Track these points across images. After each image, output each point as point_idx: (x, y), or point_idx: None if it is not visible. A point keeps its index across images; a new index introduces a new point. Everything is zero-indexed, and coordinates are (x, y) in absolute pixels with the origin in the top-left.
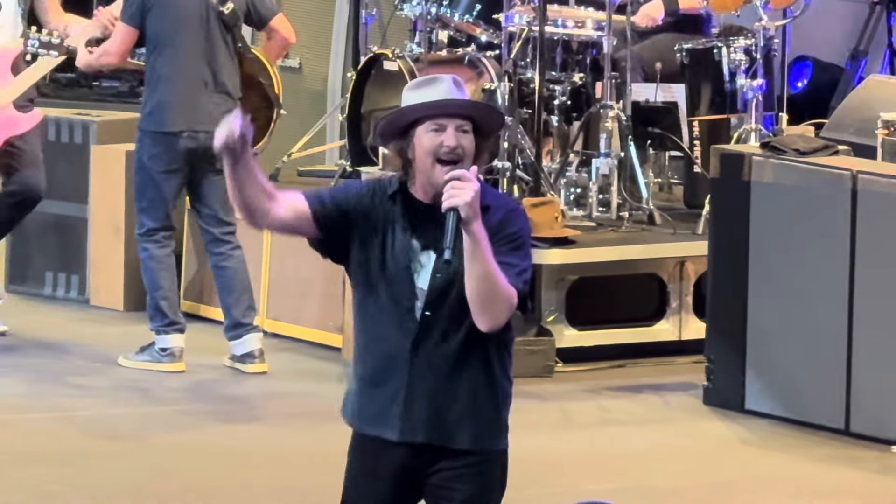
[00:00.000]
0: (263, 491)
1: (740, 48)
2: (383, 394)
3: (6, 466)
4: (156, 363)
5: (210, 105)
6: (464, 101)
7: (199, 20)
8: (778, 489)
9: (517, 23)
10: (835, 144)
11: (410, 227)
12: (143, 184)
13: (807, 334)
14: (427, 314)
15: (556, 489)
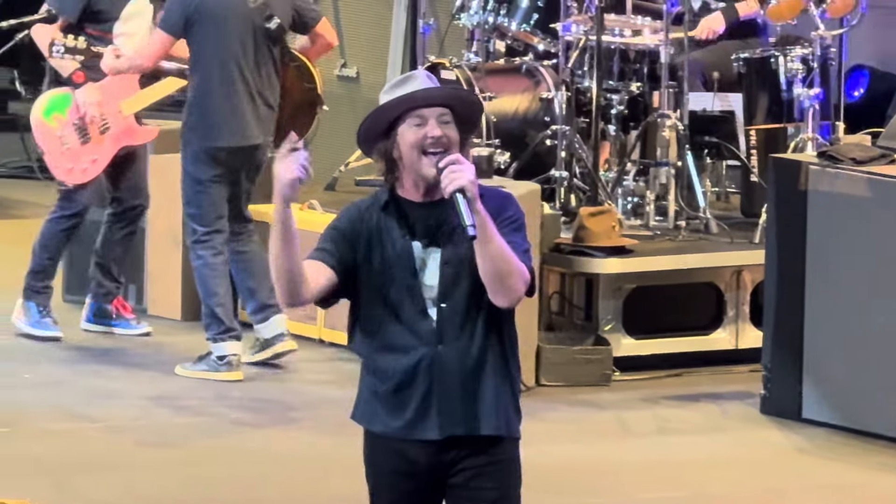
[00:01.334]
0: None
1: (797, 57)
2: (413, 396)
3: (63, 475)
4: (213, 372)
5: (254, 118)
6: (440, 89)
7: (246, 35)
8: (834, 499)
9: (574, 32)
10: (892, 153)
11: (408, 230)
12: (191, 191)
13: (865, 343)
14: (443, 306)
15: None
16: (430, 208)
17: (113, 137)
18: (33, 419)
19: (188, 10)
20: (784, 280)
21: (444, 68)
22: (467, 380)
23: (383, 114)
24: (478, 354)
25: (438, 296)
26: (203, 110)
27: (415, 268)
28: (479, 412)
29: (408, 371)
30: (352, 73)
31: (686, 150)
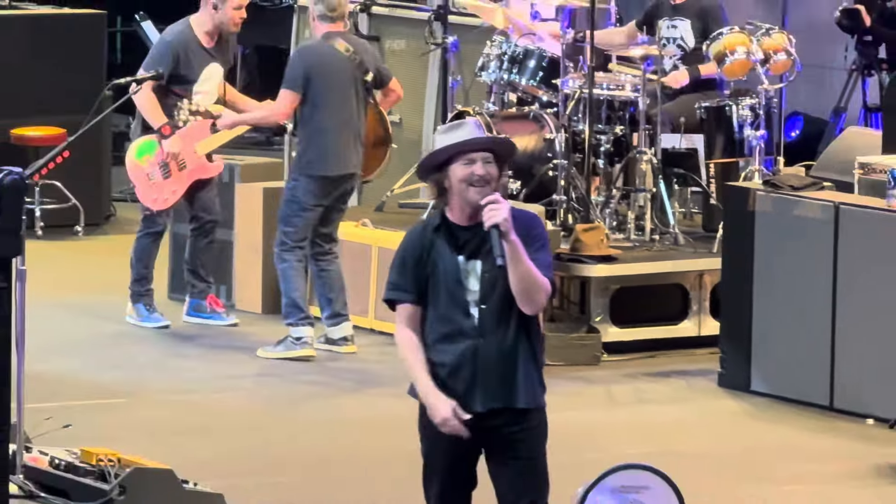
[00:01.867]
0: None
1: (747, 106)
2: (462, 378)
3: (167, 436)
4: (291, 351)
5: (355, 154)
6: (486, 139)
7: (350, 86)
8: (776, 454)
9: (571, 86)
10: (821, 181)
11: (455, 247)
12: (293, 214)
13: (799, 330)
14: (483, 307)
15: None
16: (473, 230)
17: (189, 173)
18: (146, 392)
19: (308, 69)
20: (736, 281)
21: (468, 115)
22: (503, 364)
23: (442, 153)
24: (511, 344)
25: (479, 299)
26: (319, 147)
27: (460, 277)
28: (513, 390)
29: (457, 359)
30: (396, 118)
31: (659, 179)
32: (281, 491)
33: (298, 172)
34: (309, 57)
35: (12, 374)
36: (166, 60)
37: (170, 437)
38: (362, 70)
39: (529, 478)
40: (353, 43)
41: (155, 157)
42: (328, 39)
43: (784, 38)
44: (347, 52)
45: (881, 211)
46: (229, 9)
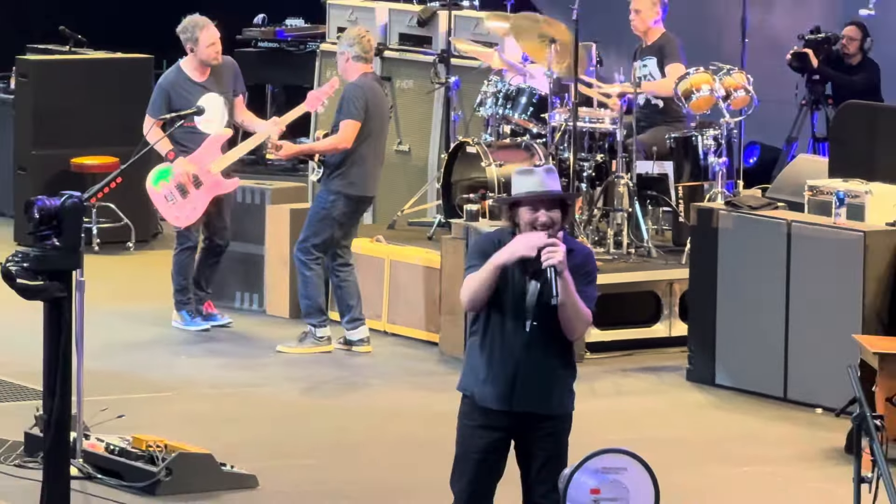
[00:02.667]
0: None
1: (711, 136)
2: (504, 380)
3: (207, 425)
4: (315, 347)
5: (379, 178)
6: (552, 194)
7: (386, 120)
8: (737, 439)
9: (558, 120)
10: (776, 202)
11: (524, 265)
12: (324, 228)
13: (757, 331)
14: (534, 324)
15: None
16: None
17: (206, 190)
18: (189, 386)
19: (367, 101)
20: (702, 288)
21: (468, 145)
22: (542, 375)
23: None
24: (551, 358)
25: (533, 316)
26: (362, 170)
27: (524, 291)
28: (548, 398)
29: (506, 363)
30: (405, 148)
31: (634, 200)
32: (307, 471)
33: (339, 191)
34: (367, 91)
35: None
36: (159, 101)
37: (209, 426)
38: (390, 108)
39: (554, 468)
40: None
41: (171, 180)
42: (369, 78)
43: (743, 76)
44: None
45: (827, 227)
46: (202, 48)
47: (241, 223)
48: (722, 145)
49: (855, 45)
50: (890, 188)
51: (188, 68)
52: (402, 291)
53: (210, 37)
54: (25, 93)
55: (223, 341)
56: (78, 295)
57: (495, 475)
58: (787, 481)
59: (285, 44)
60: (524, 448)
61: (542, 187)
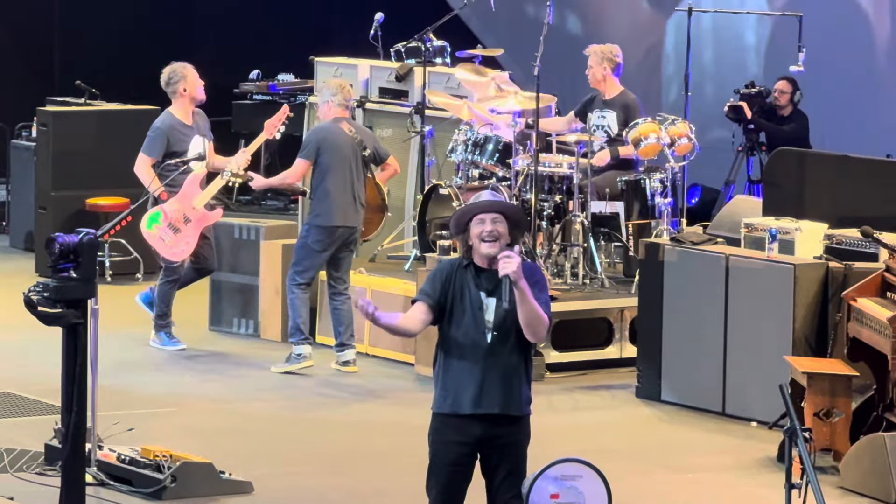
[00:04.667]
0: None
1: (657, 179)
2: (467, 388)
3: (208, 437)
4: (295, 364)
5: (353, 212)
6: (493, 202)
7: (353, 158)
8: (680, 449)
9: (521, 165)
10: (715, 238)
11: (477, 284)
12: (304, 257)
13: (698, 353)
14: (495, 334)
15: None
16: (489, 271)
17: (194, 225)
18: (191, 402)
19: (319, 143)
20: (649, 315)
21: (441, 187)
22: (505, 379)
23: (462, 216)
24: (513, 363)
25: (493, 327)
26: (326, 204)
27: (482, 307)
28: (510, 399)
29: (470, 369)
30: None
31: (589, 236)
32: (297, 478)
33: (310, 223)
34: (321, 133)
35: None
36: (159, 143)
37: (210, 438)
38: (361, 147)
39: (515, 477)
40: (355, 126)
41: (162, 222)
42: (337, 122)
43: (686, 126)
44: (350, 132)
45: (761, 260)
46: (197, 86)
47: (238, 257)
48: (667, 187)
49: (786, 97)
50: (817, 225)
51: (178, 113)
52: None
53: (197, 76)
54: (45, 140)
55: (222, 362)
56: (93, 321)
57: (465, 482)
58: (726, 486)
59: (277, 96)
60: (489, 460)
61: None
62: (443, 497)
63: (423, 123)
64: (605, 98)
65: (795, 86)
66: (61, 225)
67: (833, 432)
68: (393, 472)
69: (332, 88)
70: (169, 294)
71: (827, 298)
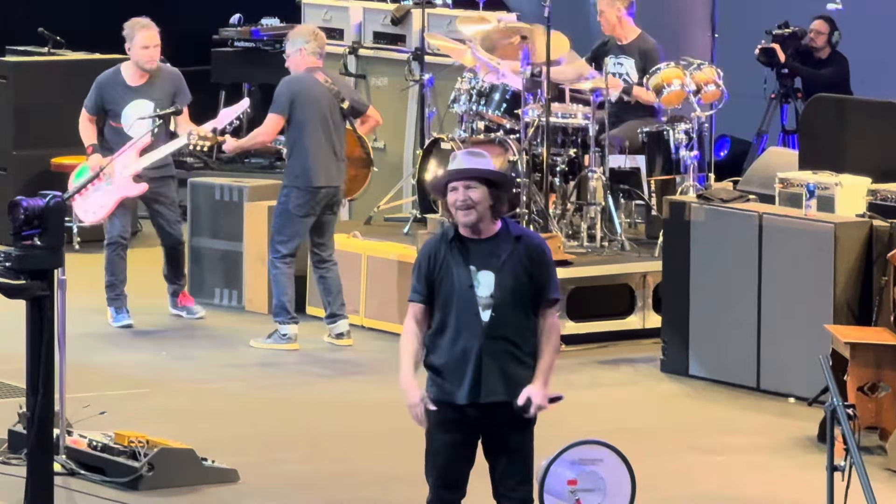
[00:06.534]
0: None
1: (682, 130)
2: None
3: (187, 420)
4: (279, 345)
5: (335, 168)
6: (462, 170)
7: (328, 109)
8: (710, 428)
9: (531, 116)
10: (747, 195)
11: (467, 258)
12: (285, 224)
13: (729, 322)
14: (493, 315)
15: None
16: (481, 242)
17: (114, 190)
18: (168, 382)
19: (293, 96)
20: (675, 280)
21: (442, 141)
22: (506, 361)
23: (438, 185)
24: (513, 344)
25: (490, 305)
26: (304, 162)
27: (471, 284)
28: (513, 386)
29: (465, 355)
30: (381, 145)
31: (607, 194)
32: (287, 465)
33: (289, 186)
34: (294, 85)
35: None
36: (93, 98)
37: (190, 421)
38: (339, 99)
39: (520, 461)
40: (331, 76)
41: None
42: (311, 73)
43: (713, 71)
44: (326, 83)
45: (798, 219)
46: (136, 48)
47: (220, 221)
48: (693, 139)
49: (823, 38)
50: (859, 180)
51: (125, 71)
52: (379, 286)
53: (145, 39)
54: (6, 94)
55: (202, 337)
56: (60, 293)
57: (465, 464)
58: (761, 469)
59: (261, 43)
60: (492, 443)
61: (459, 168)
62: (442, 481)
63: (423, 71)
64: (621, 43)
65: (833, 25)
66: (24, 187)
67: (879, 409)
68: (393, 457)
69: (304, 35)
70: (113, 262)
71: (871, 260)
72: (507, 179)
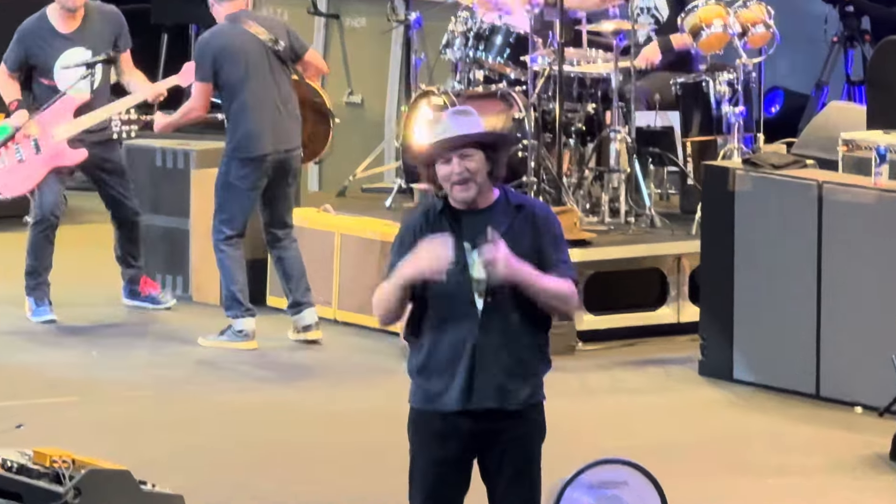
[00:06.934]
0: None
1: (724, 81)
2: (458, 374)
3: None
4: (233, 342)
5: (284, 127)
6: (455, 138)
7: (262, 60)
8: (759, 445)
9: (540, 63)
10: (803, 159)
11: (459, 233)
12: (227, 200)
13: (783, 315)
14: (489, 300)
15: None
16: (475, 214)
17: (44, 158)
18: (100, 389)
19: (215, 56)
20: (716, 265)
21: (433, 95)
22: (505, 361)
23: (424, 158)
24: (514, 339)
25: (486, 290)
26: (244, 127)
27: (465, 267)
28: (512, 389)
29: (455, 352)
30: (357, 99)
31: (634, 158)
32: (242, 488)
33: (228, 156)
34: (214, 42)
35: None
36: (15, 52)
37: (126, 436)
38: (273, 43)
39: (525, 483)
40: (258, 19)
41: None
42: (233, 21)
43: (762, 9)
44: (253, 28)
45: (867, 189)
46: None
47: (162, 192)
48: (738, 92)
49: None
50: None
51: (53, 16)
52: (356, 271)
53: None
54: None
55: (141, 334)
56: None
57: (457, 487)
58: (820, 494)
59: None
60: (488, 460)
61: (448, 134)
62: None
63: (409, 9)
64: None
65: None
66: None
67: None
68: (367, 477)
69: None
70: (37, 244)
71: None
72: (506, 138)
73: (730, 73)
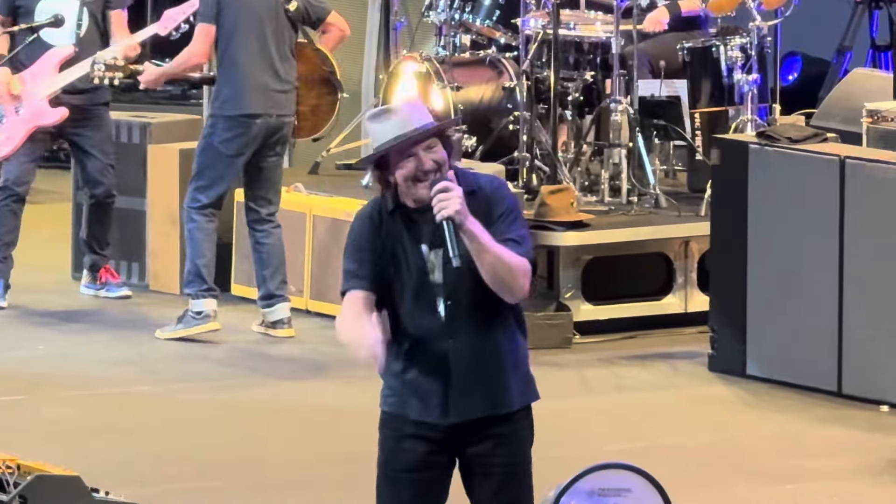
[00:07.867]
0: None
1: (736, 46)
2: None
3: (73, 438)
4: (190, 328)
5: (276, 92)
6: (422, 132)
7: (269, 15)
8: (776, 448)
9: (533, 26)
10: (824, 132)
11: (415, 236)
12: (208, 165)
13: (801, 305)
14: (449, 303)
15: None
16: (427, 212)
17: (25, 118)
18: (48, 387)
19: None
20: (728, 249)
21: (415, 63)
22: (480, 366)
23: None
24: (487, 343)
25: (446, 295)
26: (234, 83)
27: (425, 268)
28: (494, 395)
29: (426, 365)
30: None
31: (636, 132)
32: (206, 496)
33: (214, 114)
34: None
35: None
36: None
37: (77, 439)
38: (285, 1)
39: (514, 490)
40: None
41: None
42: None
43: None
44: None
45: (894, 165)
46: None
47: (116, 169)
48: (751, 58)
49: None
50: None
51: None
52: (329, 257)
53: None
54: None
55: (93, 327)
56: None
57: (433, 496)
58: (844, 502)
59: None
60: (472, 468)
61: (408, 127)
62: None
63: None
64: None
65: None
66: None
67: None
68: (343, 484)
69: None
70: (4, 215)
71: None
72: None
73: (742, 37)
